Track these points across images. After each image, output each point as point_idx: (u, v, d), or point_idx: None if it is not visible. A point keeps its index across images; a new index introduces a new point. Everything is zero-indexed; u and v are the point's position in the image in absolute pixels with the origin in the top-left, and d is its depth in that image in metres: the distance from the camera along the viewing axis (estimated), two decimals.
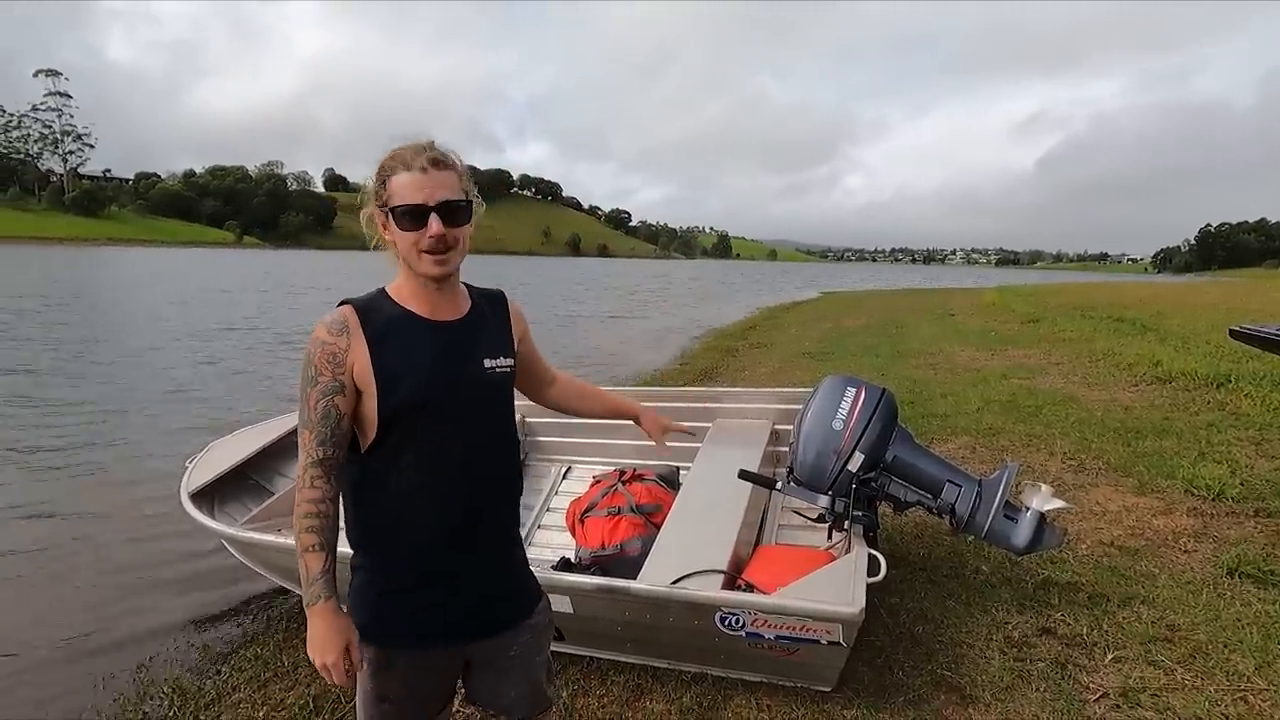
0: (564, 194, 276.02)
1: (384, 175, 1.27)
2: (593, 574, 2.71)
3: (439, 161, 1.26)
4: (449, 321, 1.35)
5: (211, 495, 3.53)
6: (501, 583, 1.44)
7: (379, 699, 1.38)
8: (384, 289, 1.35)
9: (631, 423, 1.98)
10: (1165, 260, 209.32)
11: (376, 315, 1.29)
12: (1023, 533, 2.70)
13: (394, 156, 1.27)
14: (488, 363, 1.36)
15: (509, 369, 1.41)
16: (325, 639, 1.26)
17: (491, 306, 1.46)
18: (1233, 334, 4.33)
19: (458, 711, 2.33)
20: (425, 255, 1.26)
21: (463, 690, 1.53)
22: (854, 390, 2.84)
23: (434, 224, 1.24)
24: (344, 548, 1.40)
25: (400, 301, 1.33)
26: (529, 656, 1.48)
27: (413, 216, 1.24)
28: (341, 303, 1.32)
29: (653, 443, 2.00)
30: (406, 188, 1.24)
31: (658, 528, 2.93)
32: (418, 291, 1.32)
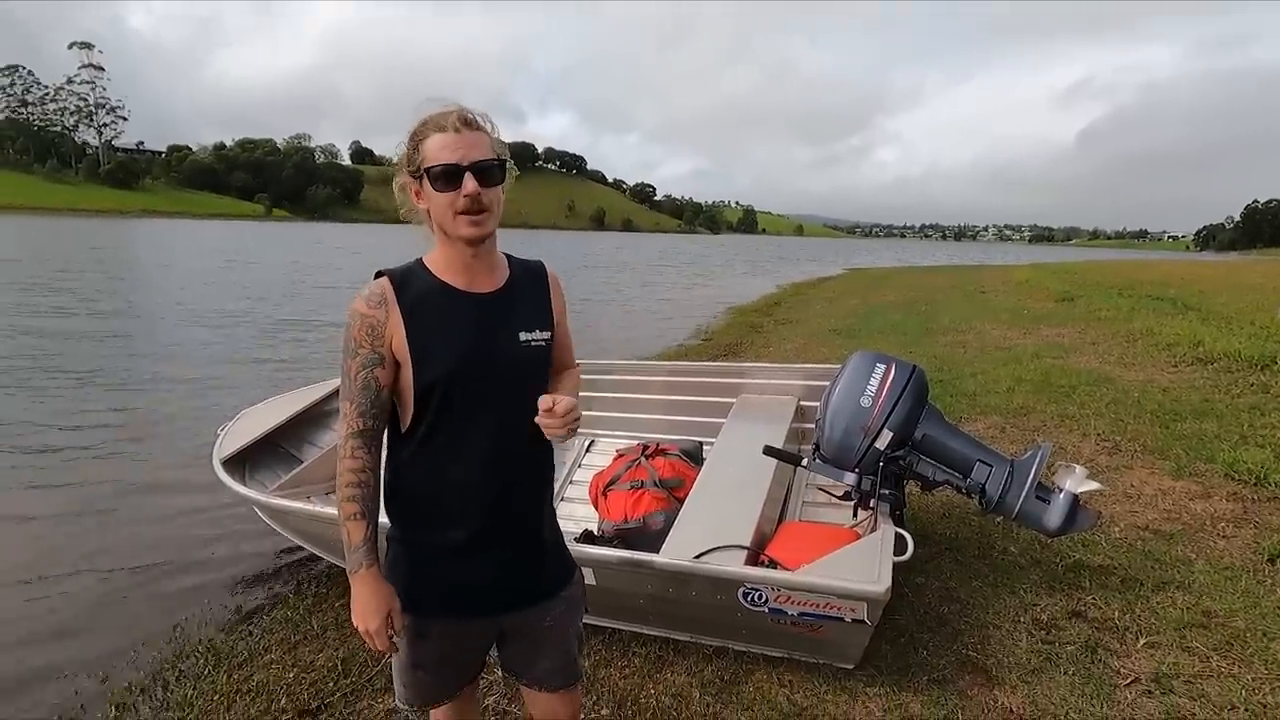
0: (588, 167, 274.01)
1: (416, 140, 1.25)
2: (615, 547, 2.71)
3: (470, 122, 1.25)
4: (485, 294, 1.32)
5: (243, 462, 3.60)
6: (535, 555, 1.44)
7: (413, 666, 1.41)
8: (421, 259, 1.33)
9: (656, 397, 1.93)
10: (1208, 238, 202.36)
11: (412, 287, 1.28)
12: (1055, 514, 2.64)
13: (425, 121, 1.25)
14: (523, 336, 1.33)
15: (545, 342, 1.37)
16: (368, 605, 1.28)
17: (530, 278, 1.42)
18: None
19: (485, 678, 2.37)
20: (461, 216, 1.23)
21: (496, 659, 1.54)
22: (884, 367, 2.78)
23: (469, 183, 1.21)
24: (381, 518, 1.41)
25: (436, 273, 1.30)
26: (562, 628, 1.48)
27: (447, 177, 1.21)
28: (378, 274, 1.30)
29: (680, 417, 1.94)
30: (440, 149, 1.22)
31: (680, 502, 2.92)
32: (454, 261, 1.30)
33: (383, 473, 1.36)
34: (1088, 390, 5.96)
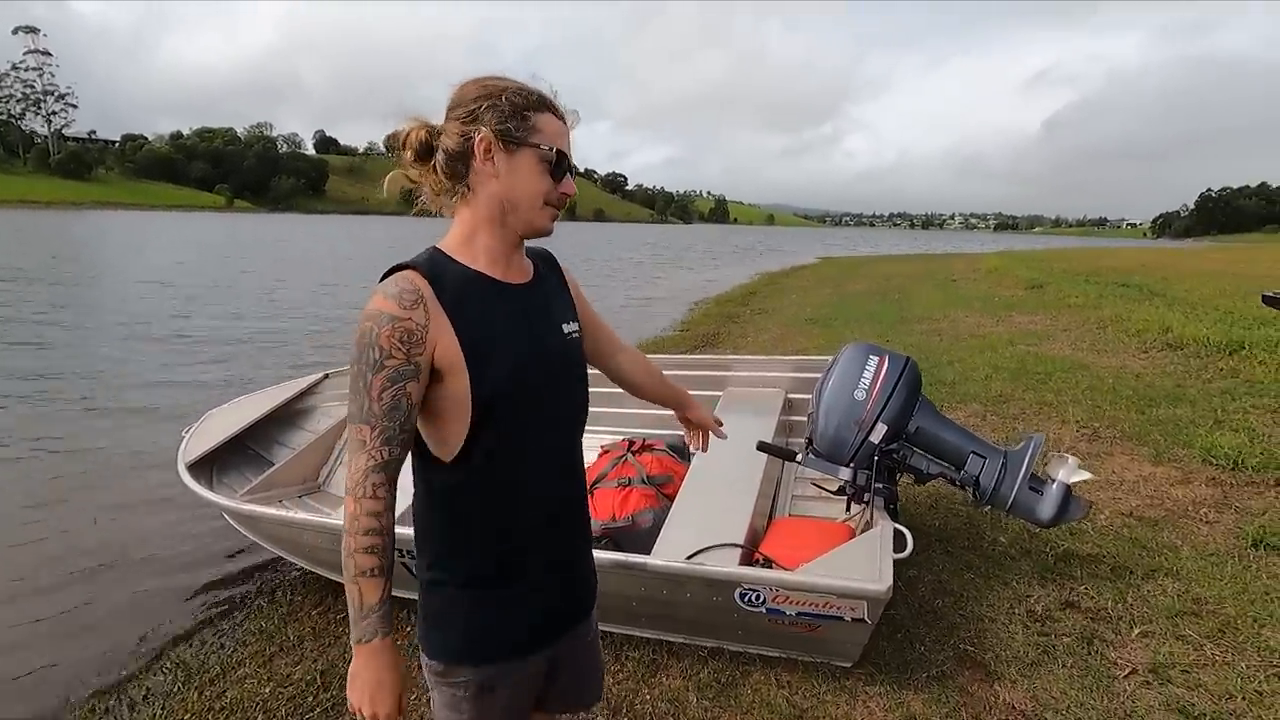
0: None
1: (521, 106, 1.08)
2: (604, 547, 2.63)
3: (573, 125, 1.16)
4: (522, 285, 1.17)
5: (210, 465, 3.44)
6: (583, 567, 1.31)
7: None
8: (438, 248, 1.12)
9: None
10: (1164, 225, 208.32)
11: (447, 280, 1.07)
12: (1048, 505, 2.63)
13: (534, 93, 1.10)
14: (565, 329, 1.21)
15: (578, 334, 1.25)
16: (381, 683, 1.05)
17: (548, 268, 1.28)
18: (1266, 300, 4.29)
19: None
20: (547, 208, 1.13)
21: None
22: (877, 359, 2.74)
23: (569, 182, 1.13)
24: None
25: (467, 262, 1.11)
26: (597, 639, 1.38)
27: (559, 167, 1.11)
28: (399, 267, 1.07)
29: (666, 412, 1.78)
30: (559, 135, 1.11)
31: (670, 499, 2.85)
32: (491, 249, 1.13)
33: (416, 509, 1.16)
34: (1064, 377, 6.03)
